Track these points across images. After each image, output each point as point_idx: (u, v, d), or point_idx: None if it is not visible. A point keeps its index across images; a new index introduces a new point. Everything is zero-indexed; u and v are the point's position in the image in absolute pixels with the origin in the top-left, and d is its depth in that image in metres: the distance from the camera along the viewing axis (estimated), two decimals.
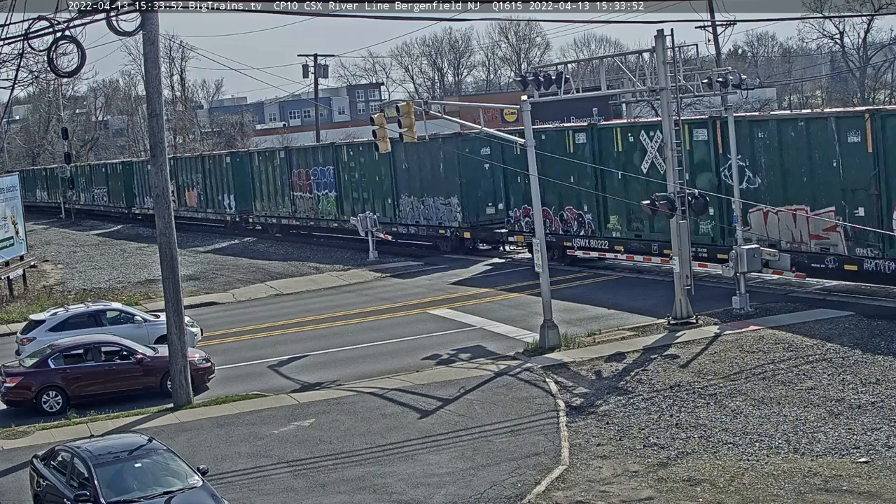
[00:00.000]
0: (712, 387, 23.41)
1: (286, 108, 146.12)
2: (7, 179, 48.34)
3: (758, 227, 31.81)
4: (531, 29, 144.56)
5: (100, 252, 59.13)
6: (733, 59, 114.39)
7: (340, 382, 26.79)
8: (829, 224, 29.96)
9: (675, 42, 28.85)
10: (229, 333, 34.39)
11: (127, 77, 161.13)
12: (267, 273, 46.20)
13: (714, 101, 48.41)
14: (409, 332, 32.06)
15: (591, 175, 37.51)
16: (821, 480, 17.81)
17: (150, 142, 26.48)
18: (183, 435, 23.08)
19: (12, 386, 26.18)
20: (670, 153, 28.88)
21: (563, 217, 39.33)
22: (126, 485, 17.15)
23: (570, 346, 27.86)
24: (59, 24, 24.13)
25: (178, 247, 26.39)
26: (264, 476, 20.24)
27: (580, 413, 22.64)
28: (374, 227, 47.25)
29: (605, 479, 18.74)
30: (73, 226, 79.84)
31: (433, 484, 19.09)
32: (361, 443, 21.76)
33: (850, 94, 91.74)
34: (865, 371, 23.36)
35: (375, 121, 31.11)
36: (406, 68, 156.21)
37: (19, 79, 40.42)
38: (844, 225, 29.27)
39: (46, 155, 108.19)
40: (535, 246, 28.63)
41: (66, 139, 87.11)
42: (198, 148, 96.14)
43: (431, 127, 34.88)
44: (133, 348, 27.10)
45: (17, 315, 38.49)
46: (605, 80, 30.80)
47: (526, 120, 28.88)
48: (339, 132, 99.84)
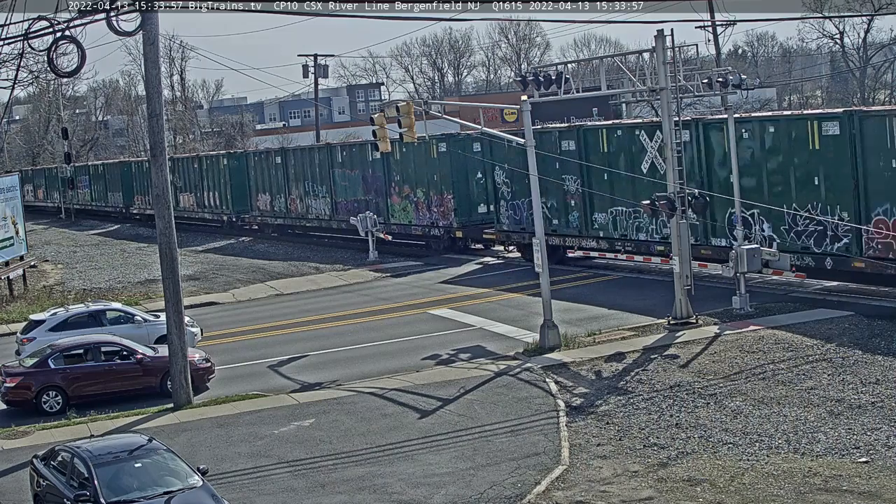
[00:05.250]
0: (712, 387, 23.41)
1: (286, 108, 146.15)
2: (7, 179, 48.36)
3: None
4: (531, 29, 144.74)
5: (100, 252, 59.13)
6: (733, 59, 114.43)
7: (340, 382, 26.79)
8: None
9: (675, 42, 28.85)
10: (229, 333, 34.39)
11: (127, 77, 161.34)
12: (267, 273, 46.20)
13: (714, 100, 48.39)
14: (408, 332, 32.06)
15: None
16: (821, 480, 17.81)
17: (150, 142, 26.47)
18: (183, 435, 23.07)
19: (12, 386, 26.18)
20: (670, 153, 28.88)
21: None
22: (126, 485, 17.15)
23: (570, 346, 27.86)
24: (59, 24, 24.14)
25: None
26: (264, 476, 20.24)
27: (580, 413, 22.64)
28: (374, 227, 47.26)
29: (605, 479, 18.74)
30: (73, 226, 79.89)
31: (433, 484, 19.09)
32: (361, 443, 21.76)
33: (850, 94, 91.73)
34: (865, 371, 23.36)
35: (375, 121, 31.11)
36: (406, 68, 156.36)
37: (19, 79, 40.47)
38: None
39: (46, 155, 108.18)
40: (535, 246, 28.63)
41: (66, 139, 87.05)
42: (198, 148, 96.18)
43: (431, 127, 34.90)
44: (133, 348, 27.10)
45: (17, 315, 38.48)
46: (605, 80, 30.79)
47: (526, 120, 28.88)
48: (339, 132, 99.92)
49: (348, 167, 51.75)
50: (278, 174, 58.02)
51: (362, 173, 50.68)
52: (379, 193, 49.39)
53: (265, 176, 59.43)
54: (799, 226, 30.72)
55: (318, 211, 54.48)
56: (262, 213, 60.20)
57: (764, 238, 31.39)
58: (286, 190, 57.38)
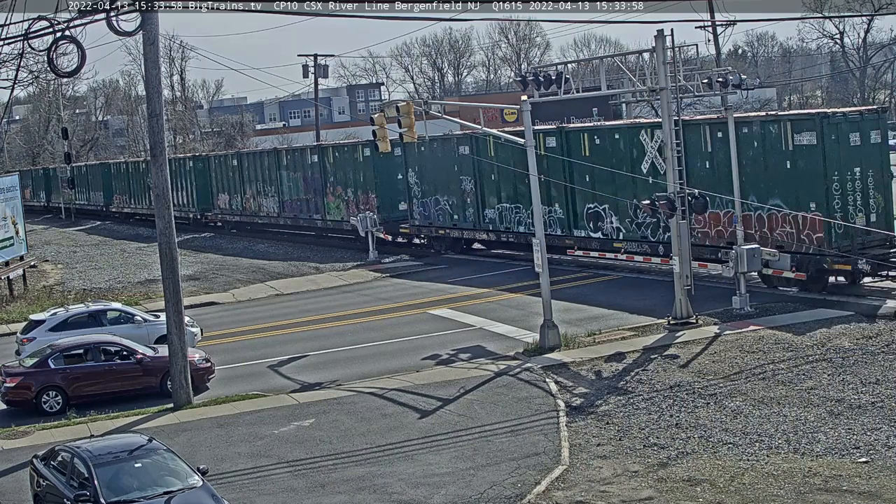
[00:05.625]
0: (712, 387, 23.41)
1: (286, 108, 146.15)
2: (7, 179, 48.33)
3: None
4: (531, 29, 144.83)
5: (100, 252, 59.11)
6: (733, 59, 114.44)
7: (340, 382, 26.79)
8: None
9: (675, 42, 28.87)
10: (229, 333, 34.39)
11: (127, 77, 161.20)
12: (267, 273, 46.20)
13: (714, 100, 48.40)
14: (408, 332, 32.06)
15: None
16: (821, 480, 17.81)
17: (150, 142, 26.47)
18: (183, 435, 23.07)
19: (12, 386, 26.17)
20: (670, 153, 28.89)
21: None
22: (126, 485, 17.14)
23: (570, 346, 27.86)
24: (59, 24, 24.12)
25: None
26: (264, 476, 20.24)
27: (580, 413, 22.64)
28: (374, 227, 47.29)
29: (605, 479, 18.74)
30: (74, 226, 79.88)
31: (433, 484, 19.09)
32: (361, 443, 21.76)
33: (850, 94, 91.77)
34: (865, 371, 23.37)
35: (375, 121, 31.13)
36: (406, 68, 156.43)
37: (19, 79, 40.44)
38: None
39: (46, 155, 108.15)
40: (535, 246, 28.64)
41: (66, 139, 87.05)
42: (198, 148, 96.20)
43: (431, 127, 34.94)
44: (133, 348, 27.09)
45: (17, 315, 38.47)
46: (605, 80, 30.79)
47: (526, 120, 28.87)
48: (339, 132, 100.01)
49: (292, 170, 56.41)
50: (235, 176, 62.78)
51: (304, 175, 55.38)
52: (317, 193, 54.12)
53: (224, 177, 64.25)
54: (639, 218, 35.86)
55: (268, 209, 59.41)
56: (222, 210, 65.18)
57: (613, 229, 37.30)
58: (242, 190, 61.97)
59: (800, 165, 30.75)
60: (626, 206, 36.25)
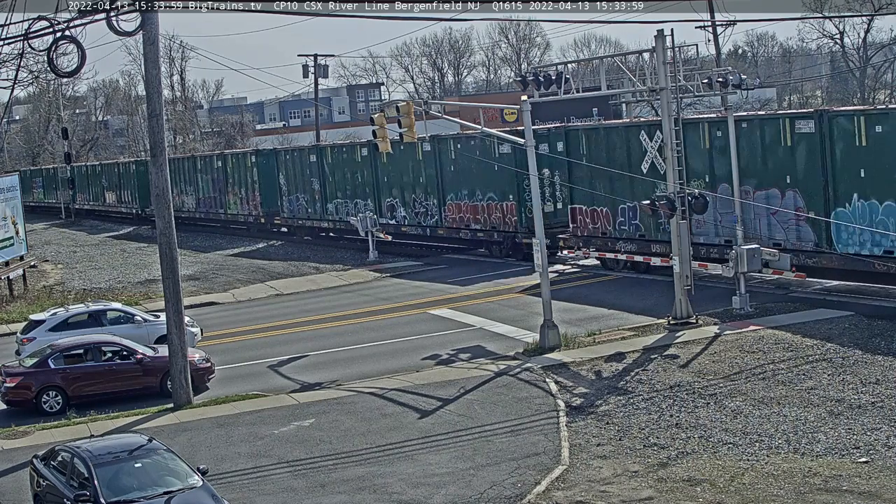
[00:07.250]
0: (712, 387, 23.41)
1: (286, 108, 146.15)
2: (7, 179, 48.29)
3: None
4: (531, 29, 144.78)
5: (100, 252, 59.14)
6: (733, 59, 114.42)
7: (340, 382, 26.79)
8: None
9: (675, 42, 28.87)
10: (229, 333, 34.39)
11: (127, 77, 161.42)
12: (267, 273, 46.21)
13: (714, 100, 48.39)
14: (408, 332, 32.07)
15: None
16: (821, 480, 17.81)
17: (150, 142, 26.47)
18: (183, 435, 23.07)
19: (12, 386, 26.18)
20: (670, 153, 28.89)
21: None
22: (126, 485, 17.14)
23: (570, 346, 27.86)
24: (59, 24, 24.11)
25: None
26: (264, 476, 20.25)
27: (580, 413, 22.64)
28: (374, 228, 47.28)
29: (605, 479, 18.74)
30: (74, 226, 79.89)
31: (433, 484, 19.09)
32: (361, 443, 21.76)
33: (850, 94, 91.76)
34: (865, 371, 23.37)
35: (375, 121, 31.11)
36: (406, 68, 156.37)
37: (19, 79, 40.46)
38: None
39: (46, 155, 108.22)
40: (535, 246, 28.64)
41: (66, 139, 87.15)
42: (198, 148, 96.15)
43: (432, 127, 34.95)
44: (133, 348, 27.09)
45: (17, 315, 38.48)
46: (605, 80, 30.78)
47: (526, 120, 28.87)
48: (339, 132, 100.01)
49: (205, 173, 67.36)
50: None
51: (212, 177, 66.16)
52: (221, 192, 65.19)
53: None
54: (417, 208, 47.66)
55: (189, 205, 70.02)
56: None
57: (402, 216, 48.52)
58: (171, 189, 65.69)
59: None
60: (412, 201, 48.09)
